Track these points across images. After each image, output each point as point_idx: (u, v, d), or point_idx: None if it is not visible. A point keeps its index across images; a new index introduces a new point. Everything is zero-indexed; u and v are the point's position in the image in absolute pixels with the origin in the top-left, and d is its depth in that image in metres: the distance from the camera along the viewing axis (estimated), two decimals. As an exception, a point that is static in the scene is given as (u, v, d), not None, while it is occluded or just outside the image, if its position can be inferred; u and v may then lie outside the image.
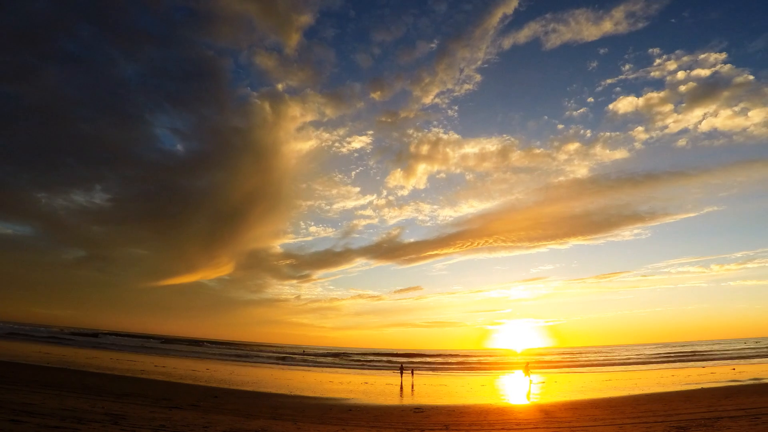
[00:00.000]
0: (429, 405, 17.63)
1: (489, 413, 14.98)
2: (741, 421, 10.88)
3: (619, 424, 11.55)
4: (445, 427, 12.13)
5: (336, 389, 25.36)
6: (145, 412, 12.10)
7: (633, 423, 11.52)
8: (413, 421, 13.30)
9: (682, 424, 10.84)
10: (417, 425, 12.52)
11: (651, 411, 13.84)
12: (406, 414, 15.08)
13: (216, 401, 16.41)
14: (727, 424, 10.64)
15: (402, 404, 18.03)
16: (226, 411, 13.90)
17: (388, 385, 28.75)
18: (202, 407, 14.33)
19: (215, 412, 13.50)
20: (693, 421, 11.23)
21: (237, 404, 16.02)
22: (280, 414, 14.07)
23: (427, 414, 14.95)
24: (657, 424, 11.19)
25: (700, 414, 12.49)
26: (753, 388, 18.72)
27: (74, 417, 10.03)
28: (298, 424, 12.14)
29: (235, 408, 14.85)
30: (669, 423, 11.18)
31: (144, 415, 11.49)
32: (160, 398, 15.80)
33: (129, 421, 10.17)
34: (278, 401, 18.16)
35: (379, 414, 15.08)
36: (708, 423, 10.91)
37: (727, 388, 19.57)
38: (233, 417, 12.57)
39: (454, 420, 13.45)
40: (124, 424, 9.80)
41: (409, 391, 24.36)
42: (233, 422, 11.47)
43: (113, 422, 9.85)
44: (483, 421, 13.15)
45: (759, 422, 10.44)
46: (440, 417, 14.19)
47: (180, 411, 12.94)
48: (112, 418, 10.33)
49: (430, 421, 13.27)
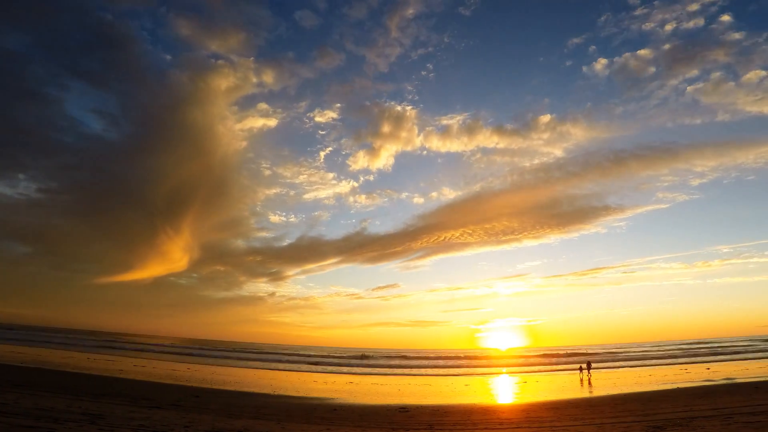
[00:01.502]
0: (414, 405, 17.69)
1: (472, 413, 15.12)
2: (714, 420, 11.23)
3: (599, 423, 11.78)
4: (429, 427, 12.19)
5: (321, 389, 25.23)
6: (124, 411, 11.83)
7: (612, 423, 11.77)
8: (398, 421, 13.33)
9: (659, 424, 11.13)
10: (402, 425, 12.55)
11: (629, 410, 14.17)
12: (392, 413, 15.10)
13: (197, 401, 16.14)
14: (702, 423, 10.97)
15: (387, 404, 18.05)
16: (207, 410, 13.70)
17: (373, 385, 28.75)
18: (183, 407, 14.08)
19: (196, 411, 13.29)
20: (669, 421, 11.54)
21: (219, 404, 15.80)
22: (264, 414, 13.93)
23: (412, 414, 15.00)
24: (635, 423, 11.46)
25: (676, 414, 12.83)
26: (725, 388, 19.35)
27: (50, 417, 9.75)
28: (282, 423, 12.04)
29: (217, 407, 14.64)
30: (647, 423, 11.46)
31: (123, 414, 11.23)
32: (140, 398, 15.47)
33: (107, 421, 9.94)
34: (261, 401, 17.97)
35: (364, 413, 15.06)
36: (684, 423, 11.23)
37: (701, 388, 20.18)
38: (215, 416, 12.40)
39: (439, 420, 13.53)
40: (102, 423, 9.57)
41: (396, 391, 24.39)
42: (215, 422, 11.31)
43: (90, 422, 9.60)
44: (467, 421, 13.27)
45: (731, 422, 10.78)
46: (425, 416, 14.26)
47: (160, 410, 12.69)
48: (89, 418, 10.07)
49: (415, 421, 13.32)
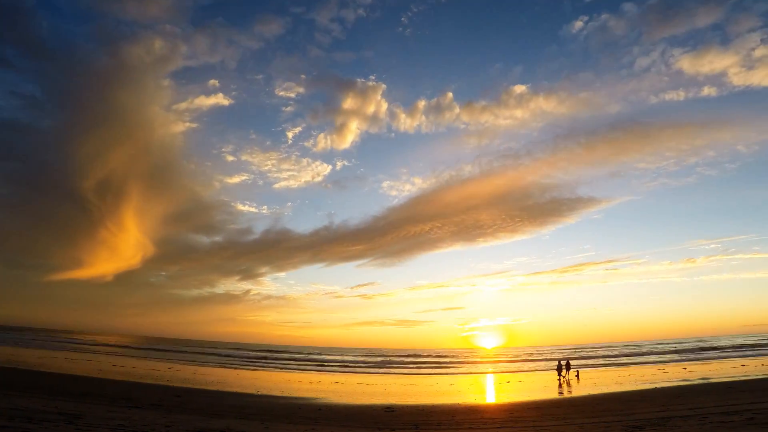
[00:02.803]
0: (400, 404, 17.72)
1: (457, 413, 15.23)
2: (690, 420, 11.52)
3: (580, 423, 11.99)
4: (415, 426, 12.24)
5: (305, 389, 25.07)
6: (103, 411, 11.55)
7: (593, 423, 11.99)
8: (384, 421, 13.34)
9: (638, 424, 11.37)
10: (388, 424, 12.56)
11: (609, 410, 14.44)
12: (378, 413, 15.10)
13: (179, 400, 15.87)
14: (678, 423, 11.24)
15: (373, 404, 18.04)
16: (189, 410, 13.48)
17: (359, 385, 28.69)
18: (164, 407, 13.83)
19: (178, 411, 13.07)
20: (647, 421, 11.79)
21: (201, 403, 15.57)
22: (247, 414, 13.78)
23: (398, 413, 15.03)
24: (615, 423, 11.69)
25: (654, 414, 13.13)
26: (701, 388, 19.85)
27: (25, 417, 9.45)
28: (265, 423, 11.92)
29: (199, 407, 14.43)
30: (626, 422, 11.70)
31: (101, 414, 10.97)
32: (119, 397, 15.14)
33: (85, 421, 9.68)
34: (245, 401, 17.77)
35: (350, 413, 15.03)
36: (661, 422, 11.49)
37: (678, 388, 20.66)
38: (197, 416, 12.20)
39: (424, 419, 13.59)
40: (80, 423, 9.32)
41: (382, 391, 24.39)
42: (197, 421, 11.13)
43: (68, 422, 9.35)
44: (451, 421, 13.36)
45: (706, 422, 11.08)
46: (411, 416, 14.31)
47: (140, 410, 12.43)
48: (66, 418, 9.80)
49: (401, 421, 13.36)
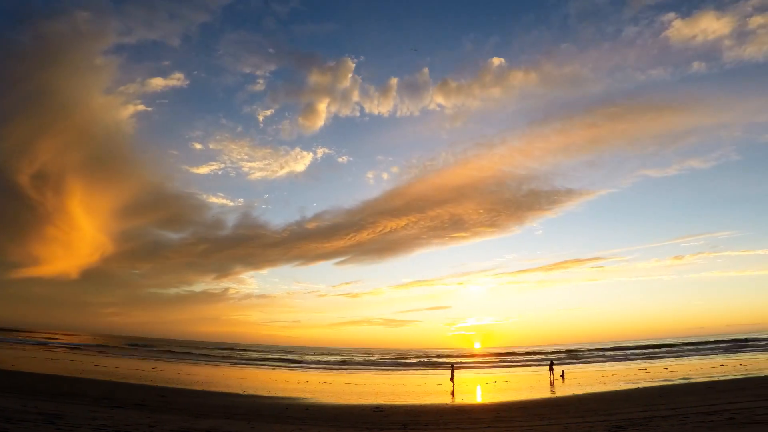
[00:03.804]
0: (388, 404, 17.74)
1: (445, 412, 15.31)
2: (672, 420, 11.75)
3: (565, 423, 12.15)
4: (403, 426, 12.26)
5: (292, 388, 24.93)
6: (84, 411, 11.31)
7: (577, 423, 12.16)
8: (373, 420, 13.34)
9: (621, 424, 11.55)
10: (377, 424, 12.57)
11: (593, 410, 14.66)
12: (366, 413, 15.10)
13: (163, 400, 15.64)
14: (660, 423, 11.46)
15: (362, 403, 18.02)
16: (174, 410, 13.29)
17: (347, 385, 28.65)
18: (147, 406, 13.61)
19: (162, 411, 12.87)
20: (630, 421, 12.00)
21: (186, 403, 15.36)
22: (233, 413, 13.63)
23: (387, 413, 15.04)
24: (599, 423, 11.86)
25: (637, 413, 13.36)
26: (682, 388, 20.23)
27: (2, 416, 9.21)
28: (252, 423, 11.81)
29: (184, 407, 14.23)
30: (609, 422, 11.89)
31: (83, 414, 10.74)
32: (101, 397, 14.85)
33: (66, 421, 9.47)
34: (230, 401, 17.59)
35: (338, 413, 14.99)
36: (643, 422, 11.70)
37: (660, 388, 21.00)
38: (182, 416, 12.03)
39: (412, 419, 13.63)
40: (60, 423, 9.11)
41: (371, 391, 24.38)
42: (182, 421, 10.97)
43: (48, 422, 9.13)
44: (439, 420, 13.42)
45: (687, 422, 11.31)
46: (399, 416, 14.33)
47: (124, 410, 12.21)
48: (46, 418, 9.58)
49: (389, 420, 13.37)
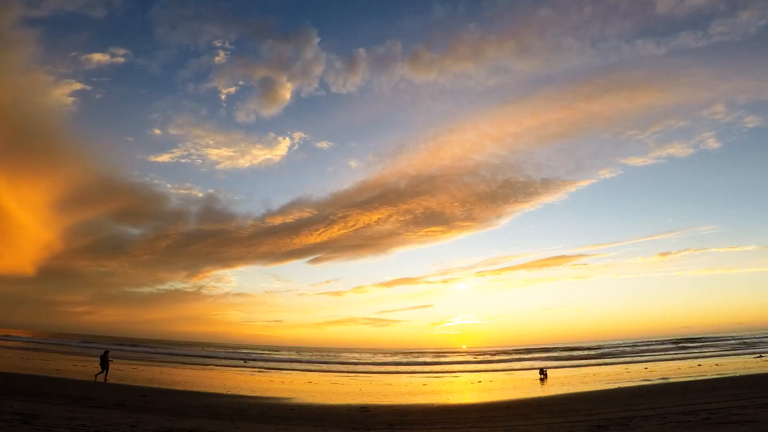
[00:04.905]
0: (375, 404, 17.74)
1: (431, 412, 15.38)
2: (651, 420, 12.00)
3: (548, 423, 12.31)
4: (389, 426, 12.27)
5: (277, 389, 24.72)
6: (63, 411, 11.03)
7: (560, 422, 12.33)
8: (359, 420, 13.33)
9: (602, 423, 11.75)
10: (363, 424, 12.55)
11: (575, 410, 14.89)
12: (352, 413, 15.07)
13: (144, 400, 15.35)
14: (640, 423, 11.69)
15: (348, 403, 17.98)
16: (156, 410, 13.05)
17: (333, 385, 28.53)
18: (128, 406, 13.34)
19: (144, 411, 12.62)
20: (611, 421, 12.21)
21: (168, 403, 15.10)
22: (217, 413, 13.46)
23: (373, 413, 15.03)
24: (581, 423, 12.05)
25: (617, 413, 13.60)
26: (661, 388, 20.65)
27: (-25, 417, 8.92)
28: (236, 423, 11.67)
29: (166, 407, 13.99)
30: (591, 422, 12.09)
31: (61, 414, 10.46)
32: (80, 397, 14.50)
33: (43, 421, 9.21)
34: (214, 401, 17.36)
35: (324, 413, 14.93)
36: (624, 422, 11.92)
37: (640, 388, 21.41)
38: (164, 416, 11.82)
39: (399, 419, 13.66)
40: (37, 423, 8.87)
41: (357, 391, 24.33)
42: (164, 421, 10.78)
43: (24, 422, 8.88)
44: (425, 420, 13.48)
45: (666, 422, 11.56)
46: (386, 416, 14.34)
47: (103, 410, 11.94)
48: (22, 418, 9.30)
49: (376, 420, 13.38)
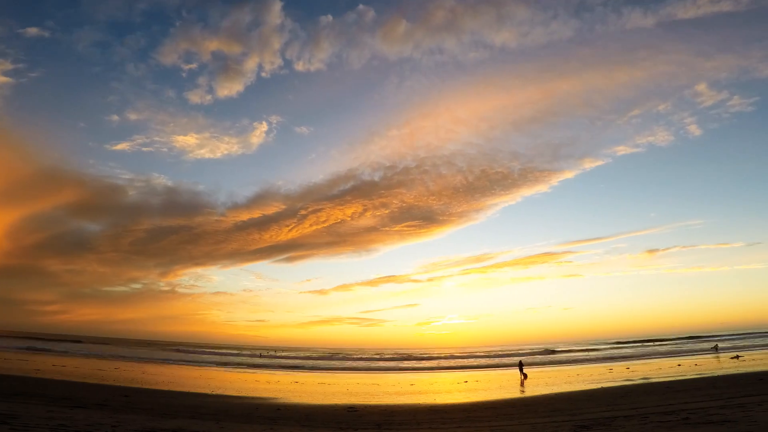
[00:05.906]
0: (362, 404, 17.71)
1: (418, 412, 15.42)
2: (633, 420, 12.24)
3: (532, 423, 12.46)
4: (377, 426, 12.27)
5: (263, 388, 24.52)
6: (42, 411, 10.76)
7: (544, 422, 12.49)
8: (347, 420, 13.30)
9: (586, 423, 11.95)
10: (351, 424, 12.52)
11: (559, 410, 15.10)
12: (340, 413, 15.02)
13: (126, 400, 15.07)
14: (622, 423, 11.91)
15: (335, 403, 17.92)
16: (138, 410, 12.82)
17: (320, 384, 28.39)
18: (110, 406, 13.08)
19: (126, 411, 12.39)
20: (594, 420, 12.42)
21: (151, 403, 14.85)
22: (201, 413, 13.28)
23: (361, 413, 15.01)
24: (565, 423, 12.23)
25: (600, 413, 13.84)
26: (643, 388, 21.04)
27: (-50, 417, 8.65)
28: (221, 423, 11.54)
29: (149, 407, 13.75)
30: (574, 422, 12.28)
31: (40, 414, 10.21)
32: (60, 397, 14.16)
33: (21, 421, 8.98)
34: (198, 401, 17.13)
35: (310, 413, 14.85)
36: (606, 422, 12.14)
37: (622, 388, 21.77)
38: (147, 416, 11.63)
39: (386, 419, 13.67)
40: (15, 423, 8.64)
41: (342, 390, 24.26)
42: (147, 421, 10.60)
43: (1, 422, 8.63)
44: (412, 420, 13.51)
45: (647, 422, 11.80)
46: (373, 416, 14.34)
47: (84, 410, 11.69)
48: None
49: (363, 420, 13.36)
